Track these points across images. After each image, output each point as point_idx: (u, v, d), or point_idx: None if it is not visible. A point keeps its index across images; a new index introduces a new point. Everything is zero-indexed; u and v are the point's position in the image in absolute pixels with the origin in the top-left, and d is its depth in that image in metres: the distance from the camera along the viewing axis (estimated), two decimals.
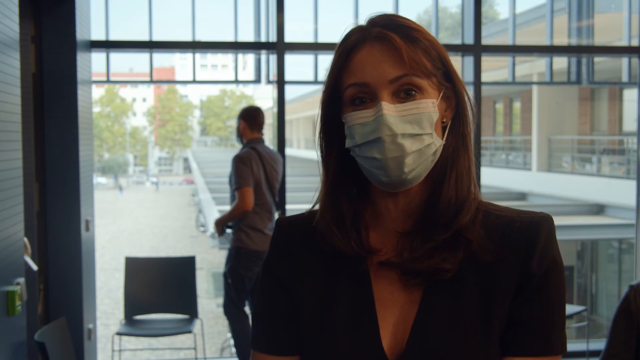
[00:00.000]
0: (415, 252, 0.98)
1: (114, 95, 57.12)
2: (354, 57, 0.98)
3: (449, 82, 1.00)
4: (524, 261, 0.97)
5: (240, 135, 4.46)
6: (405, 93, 0.95)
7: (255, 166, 4.25)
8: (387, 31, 0.97)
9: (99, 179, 53.03)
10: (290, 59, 4.86)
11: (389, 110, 0.94)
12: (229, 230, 4.39)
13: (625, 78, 6.19)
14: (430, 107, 0.96)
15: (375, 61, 0.96)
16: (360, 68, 0.97)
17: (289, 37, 4.79)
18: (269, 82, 5.27)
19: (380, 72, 0.95)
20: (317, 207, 1.07)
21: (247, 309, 4.40)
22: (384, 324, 0.99)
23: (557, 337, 0.98)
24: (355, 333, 0.99)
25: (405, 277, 0.99)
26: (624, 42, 6.19)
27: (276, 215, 4.43)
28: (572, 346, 5.59)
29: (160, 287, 4.83)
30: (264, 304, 1.08)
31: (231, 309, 4.32)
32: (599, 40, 7.47)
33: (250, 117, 4.43)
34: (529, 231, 0.98)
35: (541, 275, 0.97)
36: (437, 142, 0.97)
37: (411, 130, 0.94)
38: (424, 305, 0.98)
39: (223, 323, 12.99)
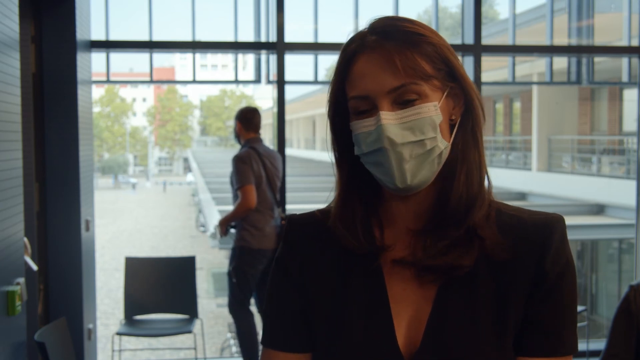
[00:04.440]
0: (429, 251, 0.99)
1: (114, 95, 57.09)
2: (353, 67, 0.99)
3: (454, 81, 0.99)
4: (539, 262, 0.98)
5: (238, 136, 4.50)
6: (405, 99, 0.96)
7: (256, 165, 4.28)
8: (382, 39, 0.97)
9: (131, 179, 53.18)
10: (290, 59, 4.86)
11: (389, 119, 0.95)
12: (232, 230, 4.40)
13: (625, 78, 6.19)
14: (431, 111, 0.96)
15: (373, 72, 0.97)
16: (360, 79, 0.98)
17: (289, 37, 4.79)
18: (269, 82, 5.27)
19: (378, 83, 0.96)
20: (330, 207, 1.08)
21: (252, 307, 4.42)
22: (398, 321, 0.99)
23: (569, 337, 0.99)
24: (369, 330, 0.99)
25: (420, 274, 0.99)
26: (624, 42, 6.19)
27: (277, 214, 4.45)
28: None
29: (160, 287, 4.83)
30: (276, 301, 1.08)
31: (236, 307, 4.36)
32: (599, 40, 7.47)
33: (245, 119, 4.46)
34: (543, 232, 0.99)
35: (555, 276, 0.98)
36: (441, 145, 0.97)
37: (412, 137, 0.95)
38: (439, 302, 0.98)
39: (223, 323, 12.99)
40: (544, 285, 0.98)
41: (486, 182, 1.03)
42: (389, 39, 0.97)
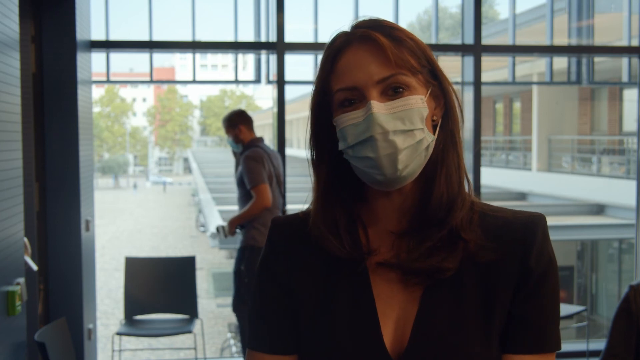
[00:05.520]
0: (413, 253, 0.99)
1: (114, 95, 57.09)
2: (340, 60, 0.99)
3: (435, 80, 1.01)
4: (523, 260, 0.99)
5: (240, 140, 4.43)
6: (393, 91, 0.96)
7: (266, 163, 4.27)
8: (371, 31, 0.97)
9: (166, 179, 52.80)
10: (290, 59, 4.86)
11: (379, 108, 0.95)
12: (237, 230, 4.37)
13: (625, 78, 6.20)
14: (419, 102, 0.96)
15: (362, 63, 0.97)
16: (348, 71, 0.98)
17: (289, 37, 4.79)
18: (269, 82, 5.27)
19: (368, 74, 0.96)
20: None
21: None
22: (385, 322, 1.00)
23: (553, 334, 1.00)
24: (356, 331, 0.99)
25: (405, 277, 1.00)
26: (624, 42, 6.19)
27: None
28: (572, 346, 5.59)
29: (160, 287, 4.83)
30: (261, 303, 1.08)
31: (241, 306, 4.34)
32: (599, 40, 7.47)
33: (246, 120, 4.45)
34: (525, 231, 1.00)
35: (539, 274, 0.99)
36: (428, 137, 0.97)
37: (402, 127, 0.95)
38: (425, 303, 0.99)
39: (223, 323, 12.99)
40: (528, 284, 0.99)
41: (466, 184, 1.03)
42: (377, 31, 0.97)
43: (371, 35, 0.97)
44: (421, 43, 1.00)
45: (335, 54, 1.00)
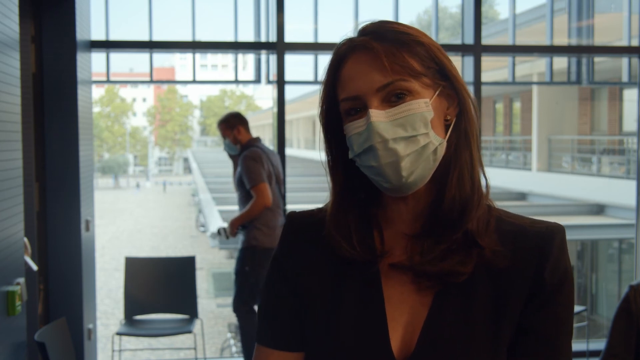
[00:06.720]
0: (427, 255, 0.98)
1: (114, 95, 57.13)
2: (343, 68, 0.99)
3: (444, 80, 0.99)
4: (537, 270, 0.97)
5: (239, 141, 4.44)
6: (395, 97, 0.95)
7: (265, 163, 4.27)
8: (369, 39, 0.97)
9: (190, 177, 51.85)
10: (290, 59, 4.86)
11: (378, 117, 0.94)
12: (238, 231, 4.37)
13: (625, 78, 6.20)
14: (422, 107, 0.95)
15: (361, 72, 0.96)
16: (349, 81, 0.98)
17: (289, 37, 4.79)
18: (269, 82, 5.27)
19: (367, 83, 0.95)
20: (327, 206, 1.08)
21: (256, 307, 4.41)
22: (393, 325, 0.99)
23: (564, 346, 0.99)
24: (363, 333, 0.99)
25: (417, 279, 0.99)
26: (624, 42, 6.19)
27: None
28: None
29: (160, 287, 4.83)
30: (271, 299, 1.08)
31: (241, 306, 4.34)
32: (599, 40, 7.47)
33: (243, 121, 4.46)
34: (542, 241, 0.98)
35: (554, 285, 0.97)
36: (435, 141, 0.96)
37: (403, 134, 0.94)
38: (435, 307, 0.98)
39: (223, 323, 12.99)
40: (541, 294, 0.97)
41: (483, 185, 1.01)
42: (377, 39, 0.97)
43: (369, 44, 0.96)
44: (428, 43, 0.98)
45: (339, 61, 1.00)
